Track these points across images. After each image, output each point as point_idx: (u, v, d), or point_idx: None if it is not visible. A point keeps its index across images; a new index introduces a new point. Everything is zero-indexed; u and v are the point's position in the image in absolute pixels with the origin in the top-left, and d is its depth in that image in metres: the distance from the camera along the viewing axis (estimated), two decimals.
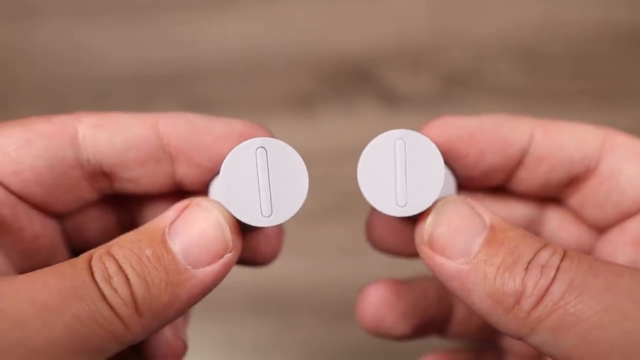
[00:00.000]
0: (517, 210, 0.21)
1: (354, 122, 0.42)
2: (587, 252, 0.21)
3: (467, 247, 0.17)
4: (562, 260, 0.16)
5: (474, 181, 0.21)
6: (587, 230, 0.21)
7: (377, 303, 0.23)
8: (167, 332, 0.21)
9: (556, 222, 0.22)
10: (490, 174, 0.20)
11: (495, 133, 0.19)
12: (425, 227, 0.18)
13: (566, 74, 0.42)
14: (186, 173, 0.20)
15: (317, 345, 0.38)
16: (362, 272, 0.37)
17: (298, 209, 0.17)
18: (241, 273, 0.23)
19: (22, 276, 0.15)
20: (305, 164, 0.17)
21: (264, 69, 0.44)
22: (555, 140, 0.19)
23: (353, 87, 0.43)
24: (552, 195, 0.21)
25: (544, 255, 0.16)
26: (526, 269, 0.16)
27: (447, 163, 0.20)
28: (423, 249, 0.18)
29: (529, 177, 0.20)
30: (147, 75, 0.44)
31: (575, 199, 0.21)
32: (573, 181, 0.20)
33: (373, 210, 0.22)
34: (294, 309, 0.38)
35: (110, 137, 0.19)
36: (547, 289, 0.15)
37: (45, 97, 0.44)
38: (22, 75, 0.45)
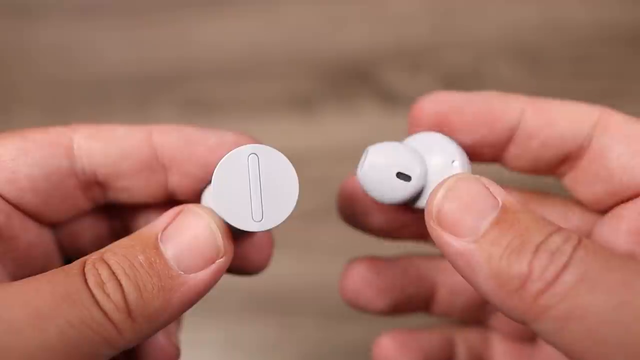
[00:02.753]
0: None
1: (353, 122, 0.42)
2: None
3: (475, 225, 0.16)
4: (575, 248, 0.15)
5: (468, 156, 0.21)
6: (583, 215, 0.21)
7: (356, 280, 0.24)
8: (160, 338, 0.21)
9: (552, 211, 0.21)
10: (480, 148, 0.20)
11: (484, 107, 0.20)
12: (435, 202, 0.17)
13: (566, 74, 0.42)
14: (179, 183, 0.20)
15: (317, 345, 0.38)
16: None
17: (288, 214, 0.18)
18: None
19: (15, 283, 0.15)
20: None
21: (264, 69, 0.44)
22: (546, 118, 0.19)
23: (353, 87, 0.43)
24: (546, 173, 0.21)
25: (556, 240, 0.15)
26: (534, 252, 0.15)
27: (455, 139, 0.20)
28: (431, 225, 0.17)
29: (520, 154, 0.20)
30: (147, 75, 0.44)
31: (569, 178, 0.21)
32: (566, 159, 0.20)
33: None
34: (294, 309, 0.38)
35: (104, 147, 0.19)
36: (557, 277, 0.15)
37: (45, 97, 0.44)
38: (21, 76, 0.45)
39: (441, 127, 0.20)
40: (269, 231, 0.21)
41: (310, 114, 0.43)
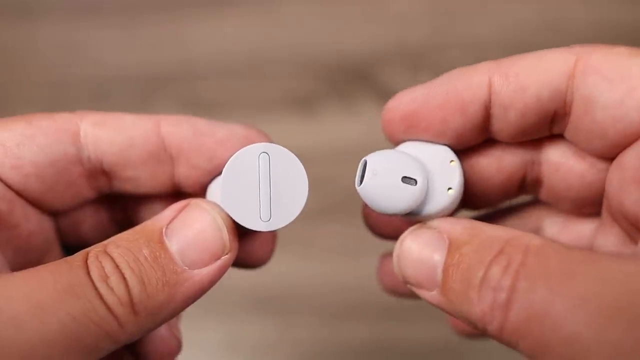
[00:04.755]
0: (506, 160, 0.20)
1: (354, 122, 0.42)
2: (601, 181, 0.19)
3: (434, 277, 0.17)
4: (516, 276, 0.15)
5: (453, 146, 0.19)
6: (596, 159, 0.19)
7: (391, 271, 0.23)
8: (162, 330, 0.21)
9: (557, 156, 0.20)
10: (461, 136, 0.19)
11: (449, 94, 0.18)
12: (395, 268, 0.18)
13: None
14: (186, 174, 0.20)
15: (318, 345, 0.38)
16: (362, 272, 0.37)
17: (296, 214, 0.17)
18: (241, 273, 0.23)
19: (17, 274, 0.15)
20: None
21: (264, 69, 0.44)
22: (515, 83, 0.18)
23: (353, 87, 0.43)
24: (540, 136, 0.19)
25: (494, 272, 0.15)
26: (478, 292, 0.15)
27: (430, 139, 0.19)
28: (407, 286, 0.18)
29: (504, 127, 0.18)
30: (147, 75, 0.44)
31: (568, 136, 0.19)
32: (555, 119, 0.18)
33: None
34: (294, 308, 0.38)
35: (112, 135, 0.19)
36: (505, 316, 0.15)
37: (45, 97, 0.44)
38: (21, 76, 0.45)
39: (416, 127, 0.19)
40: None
41: (310, 114, 0.43)
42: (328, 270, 0.39)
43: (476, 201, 0.21)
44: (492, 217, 0.23)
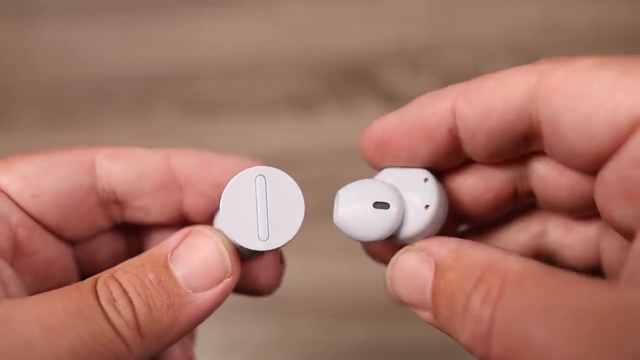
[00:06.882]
0: (493, 177, 0.20)
1: (354, 122, 0.42)
2: (591, 191, 0.18)
3: (425, 299, 0.17)
4: (495, 306, 0.15)
5: (432, 169, 0.19)
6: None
7: None
8: (177, 351, 0.22)
9: (543, 171, 0.19)
10: (435, 161, 0.19)
11: (416, 120, 0.18)
12: (388, 290, 0.18)
13: None
14: (194, 203, 0.21)
15: (317, 345, 0.38)
16: (362, 272, 0.37)
17: (294, 234, 0.18)
18: None
19: (31, 298, 0.16)
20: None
21: (264, 69, 0.44)
22: (478, 106, 0.17)
23: (353, 87, 0.43)
24: (519, 154, 0.19)
25: (475, 303, 0.15)
26: (462, 319, 0.15)
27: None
28: (404, 306, 0.18)
29: (475, 150, 0.18)
30: (147, 75, 0.44)
31: (546, 151, 0.18)
32: (528, 140, 0.18)
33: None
34: (294, 309, 0.38)
35: (124, 166, 0.20)
36: (488, 348, 0.15)
37: (45, 97, 0.44)
38: (21, 76, 0.45)
39: (388, 154, 0.19)
40: (276, 251, 0.22)
41: (310, 114, 0.43)
42: (327, 270, 0.39)
43: (472, 218, 0.21)
44: (495, 222, 0.23)
